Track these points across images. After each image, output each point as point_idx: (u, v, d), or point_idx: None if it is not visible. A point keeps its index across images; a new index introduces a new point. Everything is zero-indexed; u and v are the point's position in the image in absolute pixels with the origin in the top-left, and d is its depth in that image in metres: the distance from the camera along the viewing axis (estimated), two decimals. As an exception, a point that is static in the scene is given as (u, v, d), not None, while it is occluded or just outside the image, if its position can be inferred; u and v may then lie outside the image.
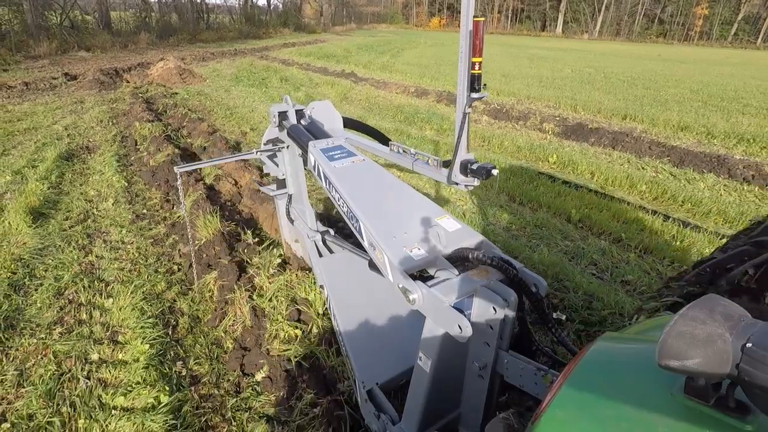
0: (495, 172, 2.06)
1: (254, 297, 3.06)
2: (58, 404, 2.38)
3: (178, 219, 4.42)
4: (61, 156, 6.16)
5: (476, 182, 2.16)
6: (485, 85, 1.97)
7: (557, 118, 9.00)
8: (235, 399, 2.45)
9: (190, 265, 3.62)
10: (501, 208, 4.92)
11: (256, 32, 31.84)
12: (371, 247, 1.74)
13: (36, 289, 3.34)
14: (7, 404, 2.39)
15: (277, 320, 2.85)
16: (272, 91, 11.82)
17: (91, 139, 7.20)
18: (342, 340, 2.31)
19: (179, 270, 3.68)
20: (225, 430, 2.28)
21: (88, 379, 2.53)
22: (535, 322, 1.87)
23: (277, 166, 3.14)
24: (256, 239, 3.88)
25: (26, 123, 7.98)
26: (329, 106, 2.91)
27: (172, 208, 4.73)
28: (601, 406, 0.81)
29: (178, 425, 2.26)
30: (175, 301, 3.28)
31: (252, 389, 2.50)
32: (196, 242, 3.77)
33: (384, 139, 2.96)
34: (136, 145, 6.87)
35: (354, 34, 40.21)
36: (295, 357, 2.59)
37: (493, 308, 1.41)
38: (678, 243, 4.15)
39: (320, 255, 3.01)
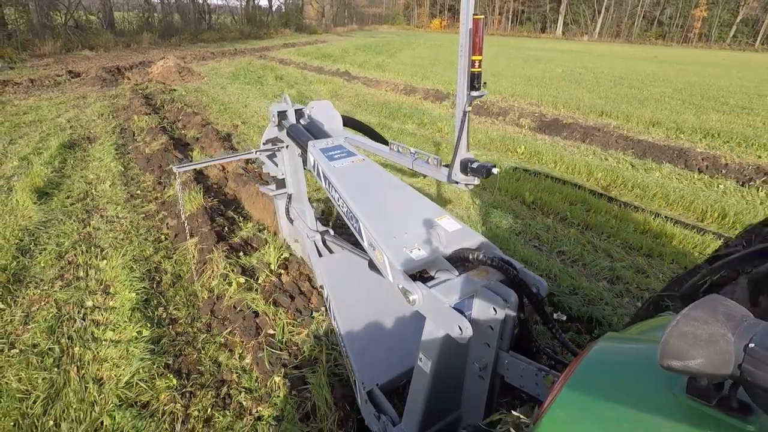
0: (495, 170, 2.05)
1: (230, 256, 3.53)
2: (58, 337, 2.85)
3: (168, 198, 4.90)
4: (64, 145, 6.66)
5: (476, 181, 2.15)
6: (485, 83, 1.98)
7: (535, 114, 9.44)
8: (205, 335, 2.92)
9: (176, 235, 4.10)
10: (462, 192, 5.37)
11: (257, 33, 32.37)
12: (371, 248, 1.74)
13: (40, 253, 3.83)
14: (16, 336, 2.87)
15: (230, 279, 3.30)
16: (267, 88, 12.31)
17: (92, 131, 7.71)
18: (342, 341, 2.31)
19: (166, 239, 4.16)
20: (195, 356, 2.75)
21: (84, 319, 3.01)
22: (535, 322, 1.91)
23: (277, 165, 3.14)
24: (237, 215, 4.36)
25: (32, 116, 8.50)
26: (329, 105, 2.91)
27: (163, 189, 5.21)
28: (603, 406, 0.80)
29: (156, 350, 2.74)
30: (160, 262, 3.75)
31: (218, 329, 2.97)
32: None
33: (383, 142, 2.95)
34: (133, 135, 7.36)
35: (355, 35, 40.72)
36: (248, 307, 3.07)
37: (494, 309, 1.41)
38: (616, 221, 4.60)
39: (320, 255, 3.04)
